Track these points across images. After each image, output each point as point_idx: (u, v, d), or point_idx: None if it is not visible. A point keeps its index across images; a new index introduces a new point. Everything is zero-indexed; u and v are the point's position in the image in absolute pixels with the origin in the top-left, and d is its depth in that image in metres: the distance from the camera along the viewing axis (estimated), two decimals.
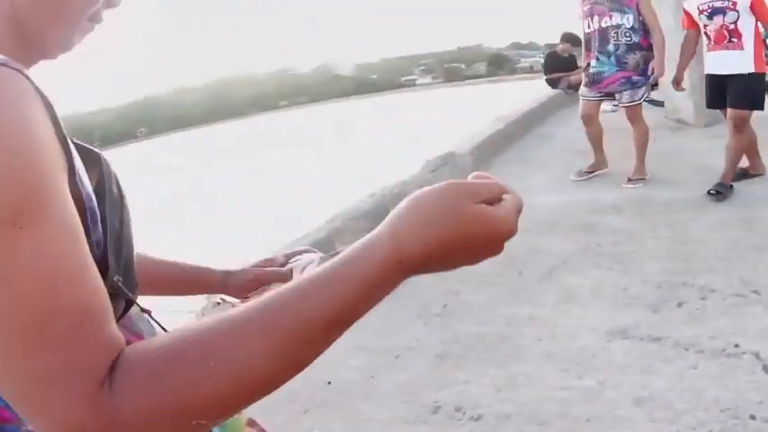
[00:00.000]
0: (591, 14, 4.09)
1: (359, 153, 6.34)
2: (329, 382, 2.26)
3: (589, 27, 4.13)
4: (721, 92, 3.71)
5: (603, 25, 4.03)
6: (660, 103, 6.00)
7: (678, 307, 2.51)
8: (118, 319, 0.44)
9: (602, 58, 4.07)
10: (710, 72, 3.79)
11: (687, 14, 3.91)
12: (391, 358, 2.49)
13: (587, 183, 4.40)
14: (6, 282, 0.38)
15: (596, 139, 4.48)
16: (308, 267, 0.67)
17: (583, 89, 4.31)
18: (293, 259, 0.73)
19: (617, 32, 4.00)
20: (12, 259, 0.38)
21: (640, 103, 4.17)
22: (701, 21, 3.74)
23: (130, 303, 0.53)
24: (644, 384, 2.08)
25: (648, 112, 4.13)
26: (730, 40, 3.62)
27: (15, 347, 0.38)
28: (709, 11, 3.67)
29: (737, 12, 3.60)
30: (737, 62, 3.60)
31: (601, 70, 4.11)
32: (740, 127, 3.65)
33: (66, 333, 0.38)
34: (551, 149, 5.81)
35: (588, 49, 4.18)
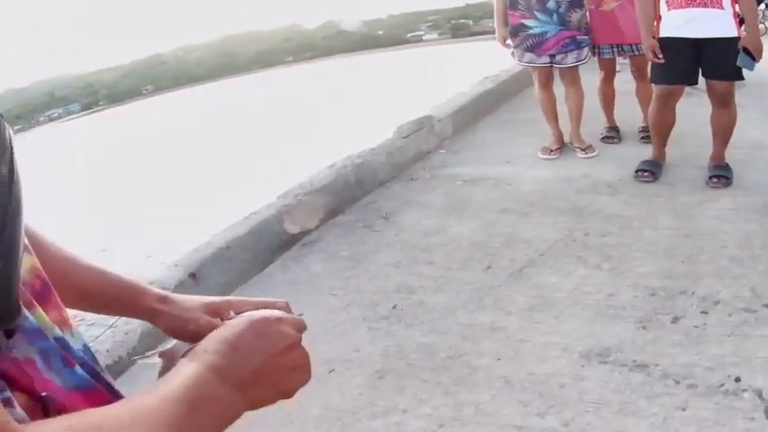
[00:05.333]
0: None
1: (341, 114, 5.79)
2: None
3: None
4: (693, 60, 2.98)
5: None
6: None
7: (673, 323, 2.04)
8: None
9: (543, 17, 3.56)
10: (680, 35, 2.95)
11: None
12: (325, 372, 2.07)
13: (581, 155, 3.80)
14: None
15: (551, 109, 3.89)
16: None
17: (527, 55, 3.71)
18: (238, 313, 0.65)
19: None
20: None
21: (581, 65, 3.72)
22: None
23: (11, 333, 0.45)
24: (618, 429, 1.65)
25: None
26: None
27: None
28: None
29: None
30: (720, 24, 2.88)
31: (544, 30, 3.59)
32: (729, 101, 3.03)
33: None
34: None
35: (515, 8, 3.60)
